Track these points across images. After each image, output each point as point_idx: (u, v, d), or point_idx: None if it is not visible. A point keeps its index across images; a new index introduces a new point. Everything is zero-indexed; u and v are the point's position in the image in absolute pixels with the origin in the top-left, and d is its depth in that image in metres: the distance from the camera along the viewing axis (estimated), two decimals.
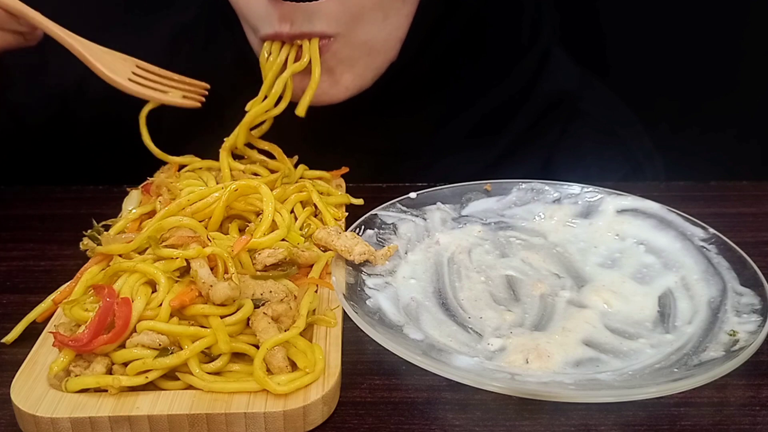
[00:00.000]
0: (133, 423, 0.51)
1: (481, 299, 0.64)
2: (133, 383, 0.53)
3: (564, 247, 0.71)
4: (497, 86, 0.92)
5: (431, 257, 0.70)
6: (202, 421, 0.51)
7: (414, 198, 0.74)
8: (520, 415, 0.54)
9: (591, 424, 0.53)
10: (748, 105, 1.21)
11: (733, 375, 0.52)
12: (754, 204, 0.83)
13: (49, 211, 0.84)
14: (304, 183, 0.76)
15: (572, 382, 0.53)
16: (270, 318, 0.56)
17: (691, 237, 0.69)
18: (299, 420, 0.52)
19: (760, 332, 0.55)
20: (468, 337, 0.59)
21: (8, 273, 0.72)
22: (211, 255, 0.59)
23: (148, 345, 0.54)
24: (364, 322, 0.56)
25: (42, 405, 0.51)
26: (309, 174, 0.81)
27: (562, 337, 0.59)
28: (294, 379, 0.53)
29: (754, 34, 1.19)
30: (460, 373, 0.52)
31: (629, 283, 0.66)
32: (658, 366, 0.55)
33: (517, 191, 0.77)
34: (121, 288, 0.57)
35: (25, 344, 0.58)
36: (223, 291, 0.55)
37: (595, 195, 0.75)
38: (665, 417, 0.54)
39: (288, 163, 0.80)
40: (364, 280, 0.64)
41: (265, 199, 0.67)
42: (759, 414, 0.54)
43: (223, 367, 0.55)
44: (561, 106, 0.95)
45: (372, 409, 0.55)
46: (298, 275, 0.64)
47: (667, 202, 0.73)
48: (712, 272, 0.65)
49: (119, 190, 0.80)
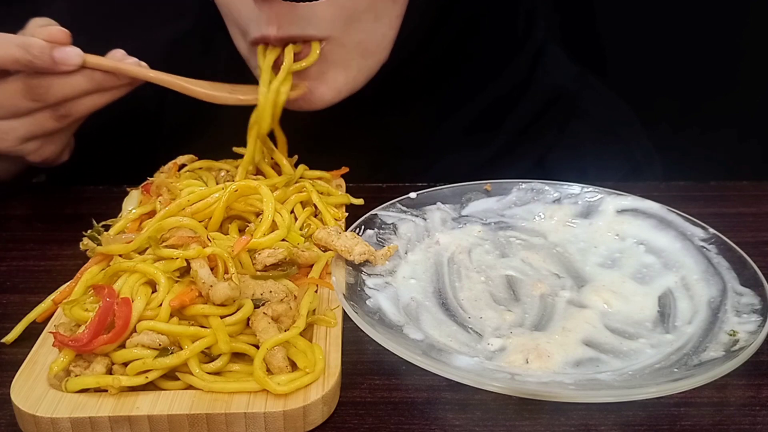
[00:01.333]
0: (133, 423, 0.51)
1: (481, 299, 0.64)
2: (133, 383, 0.53)
3: (564, 247, 0.71)
4: (494, 80, 0.92)
5: (431, 257, 0.70)
6: (202, 421, 0.51)
7: (414, 198, 0.74)
8: (520, 415, 0.54)
9: (591, 424, 0.53)
10: (748, 105, 1.21)
11: (733, 375, 0.52)
12: (754, 204, 0.83)
13: (49, 211, 0.84)
14: (304, 183, 0.76)
15: (572, 382, 0.53)
16: (270, 318, 0.56)
17: (691, 237, 0.69)
18: (299, 420, 0.52)
19: (760, 332, 0.55)
20: (468, 337, 0.59)
21: (8, 273, 0.72)
22: (212, 255, 0.59)
23: (148, 345, 0.54)
24: (364, 322, 0.56)
25: (42, 405, 0.51)
26: (309, 174, 0.81)
27: (562, 337, 0.59)
28: (294, 379, 0.53)
29: (753, 34, 1.20)
30: (460, 373, 0.52)
31: (629, 283, 0.66)
32: (658, 366, 0.55)
33: (517, 191, 0.77)
34: (121, 288, 0.57)
35: (25, 344, 0.58)
36: (223, 291, 0.55)
37: (595, 195, 0.75)
38: (665, 417, 0.54)
39: (290, 169, 0.80)
40: (364, 280, 0.64)
41: (265, 200, 0.67)
42: (759, 414, 0.54)
43: (223, 367, 0.55)
44: (559, 102, 0.95)
45: (372, 409, 0.55)
46: (298, 275, 0.64)
47: (667, 202, 0.73)
48: (712, 272, 0.65)
49: (119, 190, 0.80)
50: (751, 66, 1.21)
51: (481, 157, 0.93)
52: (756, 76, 1.21)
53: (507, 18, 0.92)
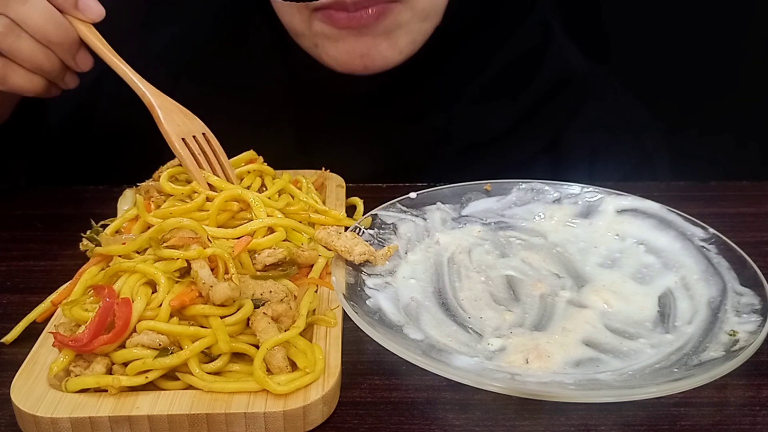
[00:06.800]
0: (133, 423, 0.51)
1: (481, 299, 0.64)
2: (133, 383, 0.53)
3: (564, 247, 0.71)
4: (502, 48, 0.93)
5: (431, 257, 0.70)
6: (202, 421, 0.51)
7: (414, 198, 0.74)
8: (520, 415, 0.54)
9: (591, 424, 0.53)
10: (747, 106, 1.21)
11: (733, 375, 0.52)
12: (754, 204, 0.83)
13: (49, 211, 0.84)
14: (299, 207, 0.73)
15: (572, 382, 0.53)
16: (270, 318, 0.56)
17: (691, 237, 0.69)
18: (299, 420, 0.52)
19: (760, 332, 0.55)
20: (468, 337, 0.59)
21: (8, 273, 0.72)
22: (212, 255, 0.59)
23: (148, 345, 0.54)
24: (364, 322, 0.56)
25: (42, 405, 0.51)
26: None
27: (562, 337, 0.59)
28: (294, 379, 0.53)
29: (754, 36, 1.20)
30: (460, 373, 0.52)
31: (629, 283, 0.66)
32: (658, 366, 0.55)
33: (517, 191, 0.77)
34: (122, 288, 0.57)
35: (25, 344, 0.58)
36: (223, 291, 0.55)
37: (595, 195, 0.75)
38: (665, 417, 0.54)
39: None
40: (364, 280, 0.64)
41: (254, 206, 0.67)
42: (759, 414, 0.54)
43: (223, 367, 0.55)
44: (571, 85, 0.95)
45: (372, 409, 0.55)
46: (298, 275, 0.64)
47: (667, 202, 0.73)
48: (712, 272, 0.65)
49: (119, 191, 0.80)
50: (751, 68, 1.21)
51: (491, 132, 0.94)
52: (756, 78, 1.21)
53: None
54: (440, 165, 0.92)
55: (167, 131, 0.71)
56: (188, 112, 0.74)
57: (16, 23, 0.68)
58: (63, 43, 0.70)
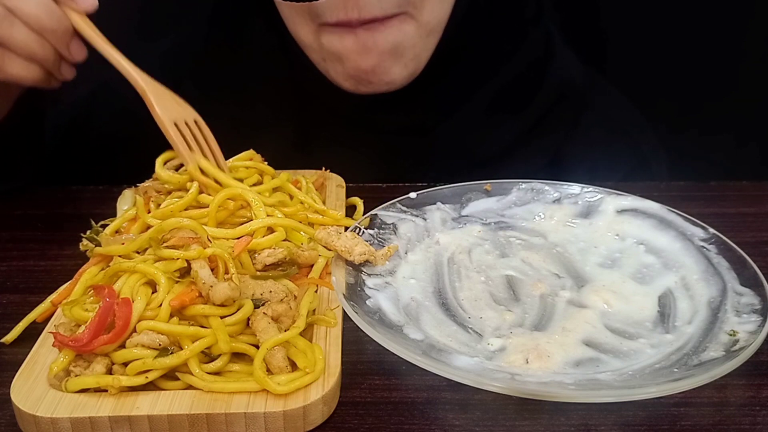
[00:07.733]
0: (133, 423, 0.51)
1: (481, 299, 0.64)
2: (133, 383, 0.53)
3: (564, 247, 0.71)
4: (505, 65, 0.93)
5: (431, 257, 0.70)
6: (202, 421, 0.51)
7: (414, 198, 0.74)
8: (520, 415, 0.54)
9: (591, 424, 0.53)
10: (747, 106, 1.21)
11: (733, 375, 0.52)
12: (754, 204, 0.83)
13: (49, 211, 0.84)
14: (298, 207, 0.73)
15: (572, 382, 0.53)
16: (270, 318, 0.56)
17: (691, 237, 0.69)
18: (299, 420, 0.52)
19: (760, 332, 0.55)
20: (468, 337, 0.59)
21: (8, 273, 0.72)
22: (212, 255, 0.59)
23: (148, 345, 0.54)
24: (364, 322, 0.56)
25: (42, 405, 0.51)
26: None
27: (562, 337, 0.59)
28: (294, 379, 0.53)
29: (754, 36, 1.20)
30: (460, 373, 0.52)
31: (629, 283, 0.66)
32: (658, 366, 0.55)
33: (517, 191, 0.77)
34: (122, 288, 0.57)
35: (25, 344, 0.58)
36: (223, 291, 0.55)
37: (595, 195, 0.75)
38: (665, 417, 0.54)
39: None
40: (364, 280, 0.64)
41: (254, 206, 0.67)
42: (759, 414, 0.54)
43: (223, 367, 0.55)
44: (569, 98, 0.95)
45: (372, 409, 0.55)
46: (298, 275, 0.64)
47: (667, 202, 0.73)
48: (712, 272, 0.65)
49: (119, 191, 0.80)
50: (751, 68, 1.21)
51: (491, 148, 0.94)
52: (756, 78, 1.21)
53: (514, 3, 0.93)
54: (442, 177, 0.92)
55: (159, 115, 0.72)
56: (180, 99, 0.75)
57: (10, 10, 0.68)
58: (56, 31, 0.70)
